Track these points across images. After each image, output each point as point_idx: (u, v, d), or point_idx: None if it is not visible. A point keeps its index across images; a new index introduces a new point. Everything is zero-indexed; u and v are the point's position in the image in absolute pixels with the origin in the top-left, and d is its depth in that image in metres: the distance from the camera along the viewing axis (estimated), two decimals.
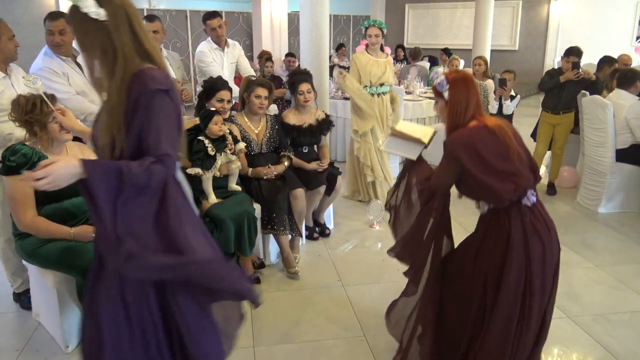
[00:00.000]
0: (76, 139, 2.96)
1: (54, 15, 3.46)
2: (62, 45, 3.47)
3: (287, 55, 8.30)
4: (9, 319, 3.17)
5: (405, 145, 2.46)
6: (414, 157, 2.41)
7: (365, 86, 4.84)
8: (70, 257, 2.63)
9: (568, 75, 5.06)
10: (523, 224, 2.16)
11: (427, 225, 2.36)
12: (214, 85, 3.60)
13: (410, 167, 2.48)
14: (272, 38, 11.07)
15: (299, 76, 4.11)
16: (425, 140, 2.44)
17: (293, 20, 11.50)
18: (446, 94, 2.21)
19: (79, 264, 2.62)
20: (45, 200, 2.71)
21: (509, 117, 5.40)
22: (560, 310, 3.22)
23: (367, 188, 5.11)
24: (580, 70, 5.02)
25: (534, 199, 2.21)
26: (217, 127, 3.35)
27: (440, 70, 2.30)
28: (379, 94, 4.91)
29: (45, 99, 2.60)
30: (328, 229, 4.44)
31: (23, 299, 3.26)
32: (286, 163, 3.86)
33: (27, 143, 2.73)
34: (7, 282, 3.37)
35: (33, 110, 2.63)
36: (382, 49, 4.99)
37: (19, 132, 2.93)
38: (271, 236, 3.74)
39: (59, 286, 2.70)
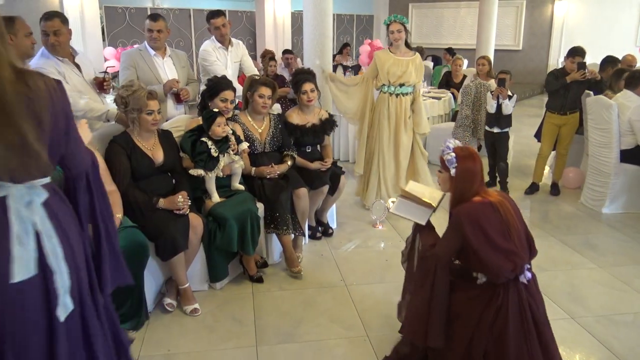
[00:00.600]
0: None
1: (49, 16, 3.41)
2: (57, 46, 3.44)
3: (284, 52, 8.22)
4: None
5: (414, 208, 2.49)
6: (422, 221, 2.43)
7: (384, 85, 4.66)
8: None
9: (574, 76, 5.03)
10: (520, 302, 2.23)
11: (431, 298, 2.35)
12: (217, 85, 3.59)
13: (418, 230, 2.52)
14: (276, 37, 11.07)
15: (302, 75, 4.10)
16: (434, 203, 2.48)
17: (296, 19, 11.49)
18: (453, 170, 2.30)
19: None
20: None
21: (509, 117, 5.38)
22: (564, 311, 3.21)
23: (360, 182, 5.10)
24: (587, 70, 5.00)
25: (529, 275, 2.29)
26: (220, 128, 3.35)
27: (451, 144, 2.35)
28: (397, 95, 4.64)
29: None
30: (331, 228, 4.43)
31: None
32: (289, 162, 3.86)
33: None
34: None
35: None
36: (408, 47, 4.74)
37: None
38: (274, 235, 3.73)
39: None
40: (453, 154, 2.31)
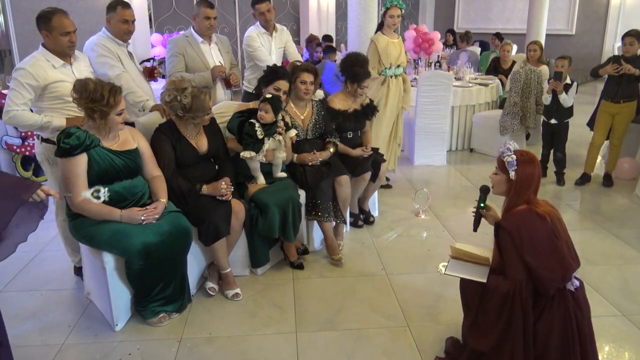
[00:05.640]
0: (127, 123, 3.02)
1: (127, 4, 3.54)
2: (132, 33, 3.59)
3: (324, 38, 8.05)
4: (64, 296, 3.29)
5: (469, 267, 2.42)
6: (483, 279, 2.34)
7: (385, 68, 4.80)
8: (118, 239, 2.70)
9: (607, 69, 4.85)
10: (566, 310, 2.18)
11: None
12: (275, 73, 3.57)
13: (484, 288, 2.38)
14: (320, 23, 11.00)
15: (362, 69, 4.05)
16: (488, 255, 2.42)
17: (341, 4, 11.39)
18: (512, 173, 2.26)
19: (127, 246, 2.69)
20: (97, 182, 2.79)
21: (570, 109, 5.17)
22: (615, 308, 3.08)
23: None
24: (621, 65, 4.76)
25: (577, 283, 2.25)
26: (267, 115, 3.33)
27: (512, 146, 2.30)
28: (396, 76, 4.87)
29: None
30: (372, 216, 4.39)
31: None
32: (331, 149, 3.83)
33: (81, 127, 2.79)
34: (65, 259, 3.51)
35: (100, 101, 2.66)
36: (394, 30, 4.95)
37: (58, 121, 3.02)
38: (315, 222, 3.72)
39: (109, 266, 2.79)
40: (514, 157, 2.26)
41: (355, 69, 4.04)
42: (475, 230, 2.57)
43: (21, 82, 2.92)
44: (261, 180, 3.45)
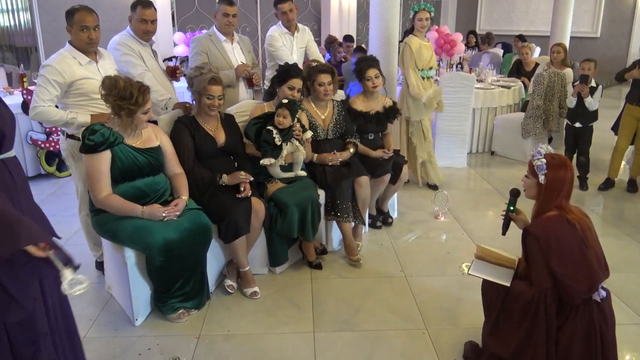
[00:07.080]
0: (150, 121, 3.05)
1: (147, 4, 3.55)
2: (151, 33, 3.60)
3: (345, 39, 8.03)
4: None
5: (494, 269, 2.40)
6: (507, 282, 2.32)
7: (419, 70, 4.87)
8: (140, 235, 2.73)
9: (634, 74, 4.76)
10: (590, 320, 2.14)
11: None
12: (287, 72, 3.58)
13: (507, 292, 2.37)
14: (341, 23, 10.99)
15: (366, 62, 4.04)
16: (514, 258, 2.40)
17: (362, 5, 11.37)
18: (542, 177, 2.22)
19: (148, 242, 2.72)
20: (120, 179, 2.83)
21: (595, 113, 5.09)
22: (638, 316, 3.03)
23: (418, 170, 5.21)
24: None
25: (604, 293, 2.20)
26: (285, 120, 3.36)
27: (543, 149, 2.27)
28: (428, 78, 4.96)
29: None
30: (391, 217, 4.38)
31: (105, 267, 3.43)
32: (352, 150, 3.83)
33: (106, 124, 2.83)
34: (87, 253, 3.55)
35: (129, 99, 2.70)
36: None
37: (83, 118, 3.06)
38: (334, 223, 3.72)
39: (130, 261, 2.82)
40: (544, 160, 2.23)
41: (359, 66, 4.06)
42: (504, 233, 2.55)
43: (48, 79, 2.97)
44: (284, 175, 3.49)
